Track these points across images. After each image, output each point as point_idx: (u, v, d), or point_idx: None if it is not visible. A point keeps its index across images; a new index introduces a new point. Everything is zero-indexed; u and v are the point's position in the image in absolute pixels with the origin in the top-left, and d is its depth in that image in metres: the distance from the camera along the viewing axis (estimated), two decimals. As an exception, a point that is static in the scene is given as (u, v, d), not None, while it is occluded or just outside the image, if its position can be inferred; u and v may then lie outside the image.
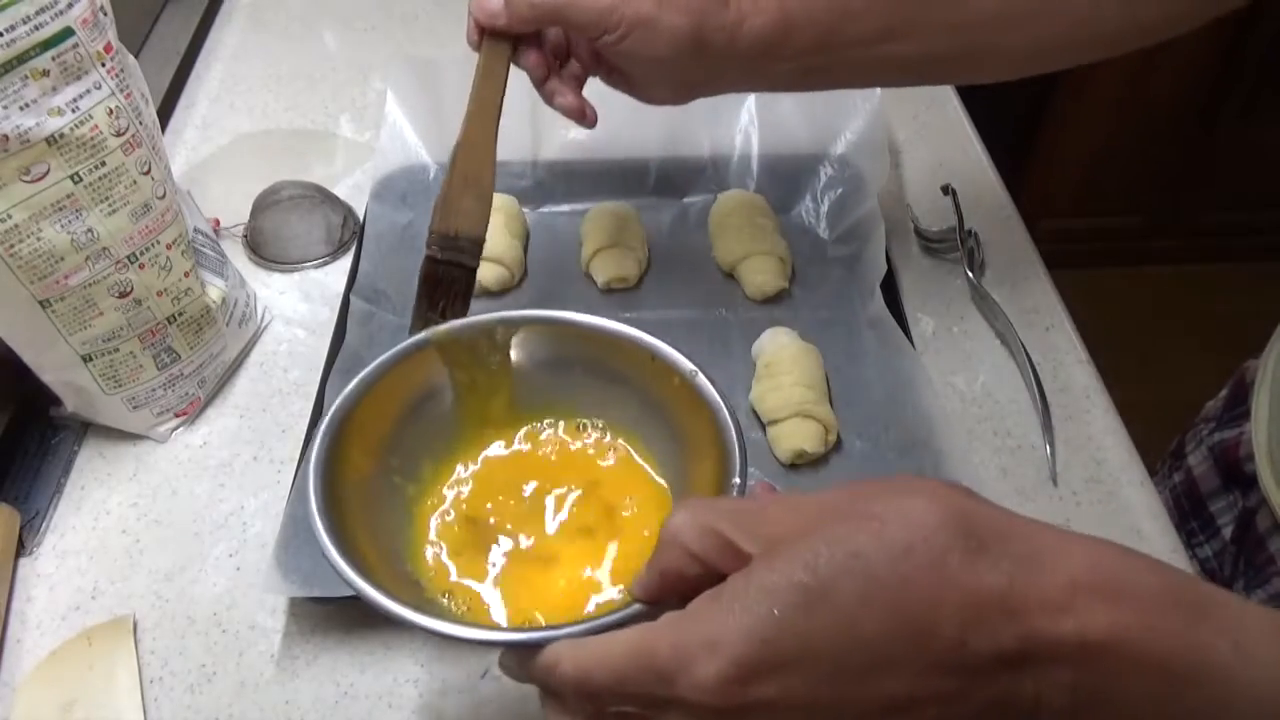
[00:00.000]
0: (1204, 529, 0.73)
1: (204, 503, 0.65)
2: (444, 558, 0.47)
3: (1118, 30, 0.56)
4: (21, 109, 0.52)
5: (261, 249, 0.81)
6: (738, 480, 0.42)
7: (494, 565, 0.47)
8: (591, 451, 0.51)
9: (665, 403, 0.48)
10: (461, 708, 0.55)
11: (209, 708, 0.55)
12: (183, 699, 0.55)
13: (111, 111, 0.56)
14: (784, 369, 0.66)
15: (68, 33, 0.53)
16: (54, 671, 0.56)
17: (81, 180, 0.56)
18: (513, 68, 0.61)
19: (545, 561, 0.47)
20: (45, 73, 0.52)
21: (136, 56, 0.61)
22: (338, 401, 0.46)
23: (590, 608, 0.45)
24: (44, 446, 0.68)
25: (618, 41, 0.55)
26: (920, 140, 0.92)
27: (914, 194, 0.86)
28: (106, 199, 0.58)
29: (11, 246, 0.55)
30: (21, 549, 0.62)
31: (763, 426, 0.66)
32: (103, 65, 0.56)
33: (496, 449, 0.51)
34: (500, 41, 0.59)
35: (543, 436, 0.51)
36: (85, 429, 0.69)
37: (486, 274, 0.75)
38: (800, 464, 0.64)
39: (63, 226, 0.56)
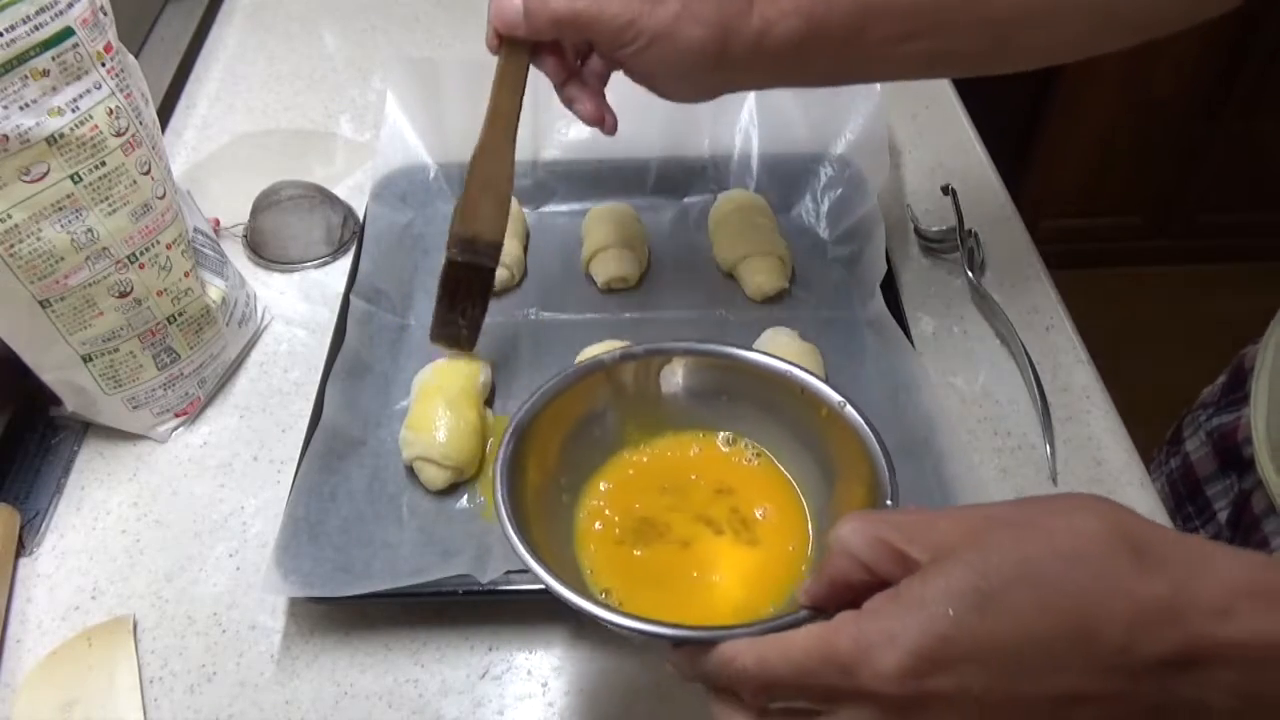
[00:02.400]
0: (1199, 514, 0.73)
1: (204, 503, 0.65)
2: (598, 559, 0.49)
3: (1140, 21, 0.56)
4: (21, 109, 0.52)
5: (261, 249, 0.81)
6: (890, 503, 0.44)
7: (646, 566, 0.49)
8: (738, 460, 0.53)
9: (813, 431, 0.50)
10: (461, 708, 0.55)
11: (209, 708, 0.55)
12: (183, 699, 0.55)
13: (111, 111, 0.56)
14: (784, 369, 0.66)
15: (68, 33, 0.53)
16: (54, 671, 0.56)
17: (81, 180, 0.56)
18: (532, 69, 0.60)
19: (694, 563, 0.49)
20: (45, 73, 0.52)
21: (136, 56, 0.61)
22: (517, 416, 0.49)
23: (738, 613, 0.46)
24: (44, 446, 0.68)
25: (637, 54, 0.54)
26: (920, 140, 0.92)
27: (914, 194, 0.86)
28: (106, 199, 0.58)
29: (11, 246, 0.55)
30: (21, 549, 0.62)
31: (763, 426, 0.66)
32: (103, 65, 0.56)
33: (650, 460, 0.54)
34: (519, 47, 0.59)
35: (693, 450, 0.54)
36: (85, 429, 0.69)
37: (486, 274, 0.75)
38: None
39: (63, 226, 0.56)
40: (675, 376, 0.53)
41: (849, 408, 0.48)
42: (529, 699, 0.56)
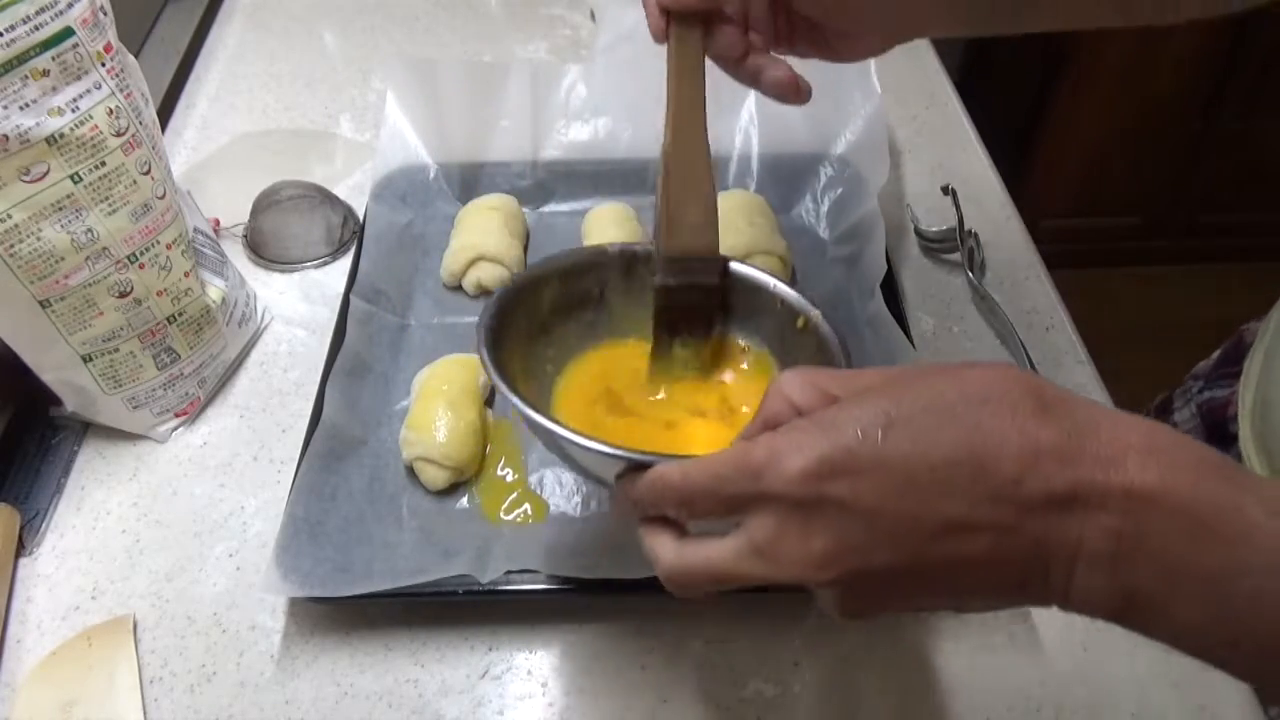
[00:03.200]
0: None
1: (204, 503, 0.65)
2: (572, 420, 0.51)
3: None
4: (21, 109, 0.52)
5: (261, 249, 0.81)
6: None
7: (620, 433, 0.51)
8: (721, 348, 0.57)
9: (790, 340, 0.54)
10: (461, 708, 0.55)
11: (209, 708, 0.55)
12: (183, 699, 0.55)
13: (111, 111, 0.56)
14: (784, 368, 0.66)
15: (68, 33, 0.53)
16: (54, 671, 0.56)
17: (81, 180, 0.56)
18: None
19: (671, 442, 0.52)
20: (45, 73, 0.52)
21: (136, 56, 0.61)
22: (517, 276, 0.54)
23: None
24: (44, 446, 0.68)
25: None
26: (920, 140, 0.92)
27: (914, 194, 0.86)
28: (106, 199, 0.58)
29: (11, 246, 0.55)
30: (21, 549, 0.62)
31: (763, 426, 0.66)
32: (103, 65, 0.56)
33: (638, 351, 0.57)
34: (691, 27, 0.52)
35: (679, 349, 0.57)
36: (85, 429, 0.69)
37: (486, 274, 0.75)
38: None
39: (63, 226, 0.56)
40: None
41: (821, 319, 0.52)
42: (529, 699, 0.56)
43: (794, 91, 0.54)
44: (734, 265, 0.56)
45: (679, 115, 0.53)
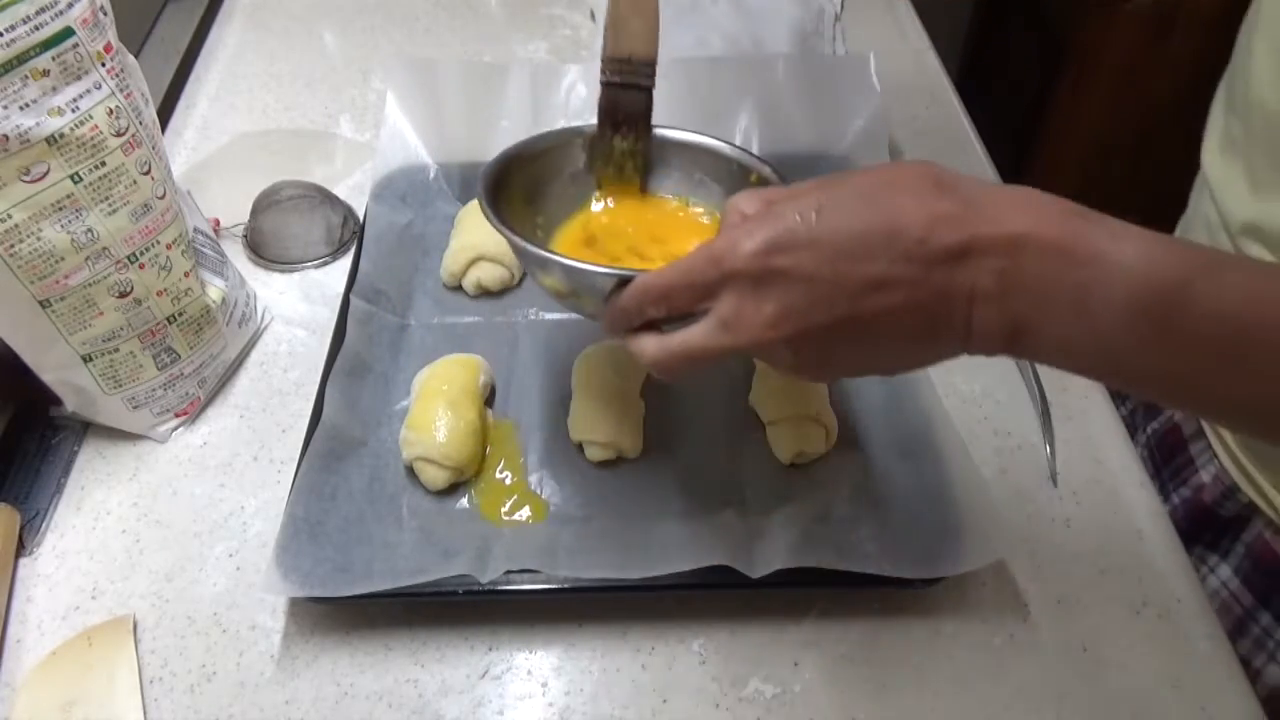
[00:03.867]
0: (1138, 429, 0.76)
1: (204, 503, 0.65)
2: None
3: None
4: (21, 109, 0.52)
5: (261, 249, 0.81)
6: None
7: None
8: (685, 212, 0.64)
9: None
10: (461, 708, 0.55)
11: (209, 708, 0.55)
12: (183, 699, 0.55)
13: (111, 111, 0.56)
14: (784, 368, 0.66)
15: (68, 33, 0.53)
16: (54, 671, 0.56)
17: (81, 180, 0.56)
18: None
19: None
20: (45, 73, 0.52)
21: (136, 56, 0.61)
22: (507, 148, 0.61)
23: None
24: (44, 446, 0.68)
25: None
26: (920, 140, 0.92)
27: (914, 194, 0.86)
28: (106, 199, 0.58)
29: (11, 246, 0.55)
30: (21, 549, 0.62)
31: (763, 427, 0.66)
32: (103, 65, 0.56)
33: (617, 206, 0.65)
34: None
35: (655, 198, 0.65)
36: (85, 429, 0.69)
37: (486, 274, 0.75)
38: (800, 463, 0.64)
39: (63, 226, 0.56)
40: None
41: (772, 173, 0.59)
42: (529, 699, 0.56)
43: None
44: (691, 135, 0.63)
45: None
